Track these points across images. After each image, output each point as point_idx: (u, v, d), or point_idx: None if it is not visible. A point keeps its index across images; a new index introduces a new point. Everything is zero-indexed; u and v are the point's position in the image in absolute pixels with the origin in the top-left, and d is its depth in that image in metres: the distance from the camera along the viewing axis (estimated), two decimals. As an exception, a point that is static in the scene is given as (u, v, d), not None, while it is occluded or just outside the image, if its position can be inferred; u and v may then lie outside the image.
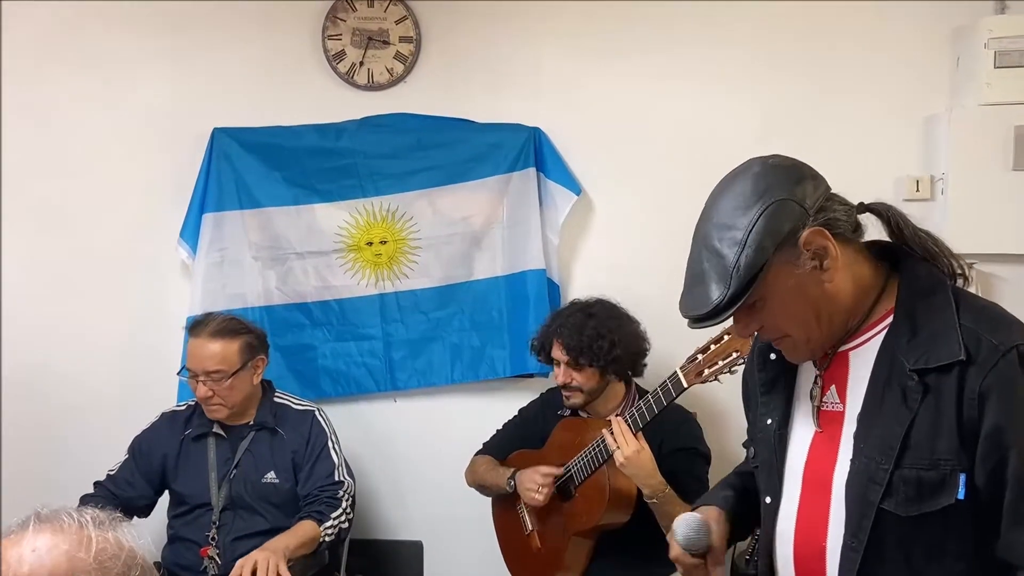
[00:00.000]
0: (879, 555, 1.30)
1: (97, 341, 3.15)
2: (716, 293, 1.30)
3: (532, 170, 2.97)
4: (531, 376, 3.00)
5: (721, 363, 2.13)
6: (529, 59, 3.00)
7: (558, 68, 2.99)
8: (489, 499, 2.82)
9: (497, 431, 2.83)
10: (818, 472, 1.40)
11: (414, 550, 3.16)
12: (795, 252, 1.30)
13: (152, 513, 2.74)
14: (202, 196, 3.04)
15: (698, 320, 1.35)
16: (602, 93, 2.98)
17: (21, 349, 3.14)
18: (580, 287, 3.03)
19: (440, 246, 3.05)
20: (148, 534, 1.13)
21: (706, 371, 2.16)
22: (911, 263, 1.38)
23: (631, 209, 3.01)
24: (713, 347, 2.15)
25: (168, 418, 2.75)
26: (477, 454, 2.82)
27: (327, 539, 2.54)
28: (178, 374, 2.74)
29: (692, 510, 1.63)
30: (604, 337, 2.49)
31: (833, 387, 1.41)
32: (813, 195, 1.32)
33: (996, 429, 1.23)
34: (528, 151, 2.97)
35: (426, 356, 3.09)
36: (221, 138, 3.03)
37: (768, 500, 1.49)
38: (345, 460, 2.70)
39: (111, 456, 2.73)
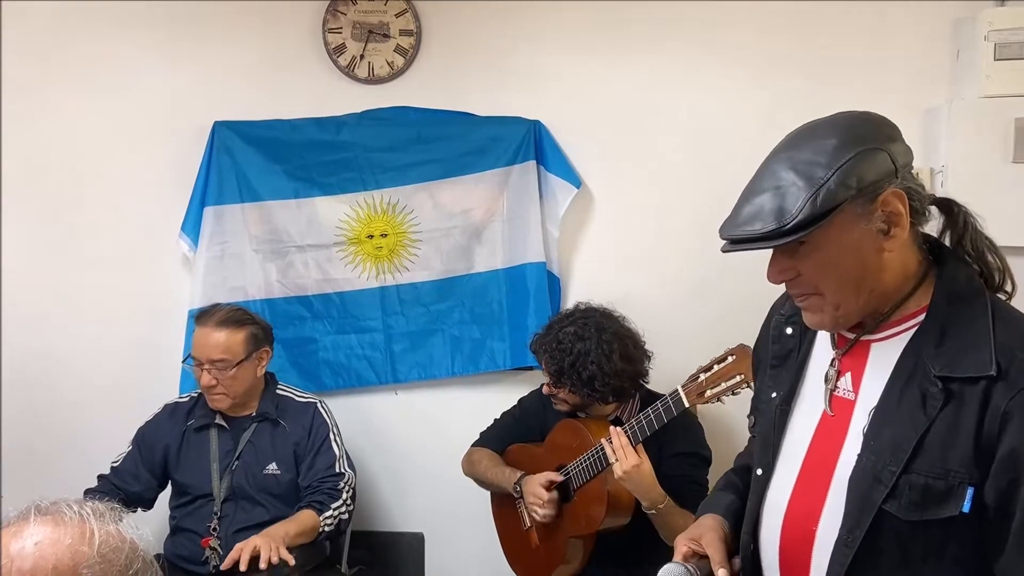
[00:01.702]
0: (873, 554, 1.28)
1: (99, 334, 3.16)
2: (781, 216, 1.23)
3: (532, 163, 2.97)
4: (531, 369, 3.01)
5: (724, 385, 2.10)
6: (529, 52, 3.00)
7: (558, 61, 2.99)
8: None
9: (495, 421, 2.82)
10: (821, 457, 1.38)
11: (415, 542, 3.18)
12: (870, 207, 1.25)
13: (154, 504, 2.75)
14: (203, 190, 3.05)
15: (748, 241, 1.27)
16: (602, 86, 2.98)
17: (23, 342, 3.15)
18: (580, 280, 3.04)
19: (440, 239, 3.06)
20: (149, 525, 1.12)
21: (708, 392, 2.14)
22: (954, 264, 1.34)
23: (631, 202, 3.01)
24: (716, 367, 2.13)
25: (170, 410, 2.76)
26: (474, 445, 2.80)
27: (326, 529, 2.55)
28: (183, 362, 2.75)
29: (696, 516, 1.62)
30: (586, 368, 2.42)
31: (848, 374, 1.38)
32: (904, 158, 1.29)
33: (1014, 451, 1.19)
34: (528, 144, 2.96)
35: (427, 349, 3.10)
36: (222, 132, 3.04)
37: (760, 472, 1.47)
38: (346, 452, 2.71)
39: (112, 447, 2.75)
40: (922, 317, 1.31)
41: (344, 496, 2.62)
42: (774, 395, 1.48)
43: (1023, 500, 1.19)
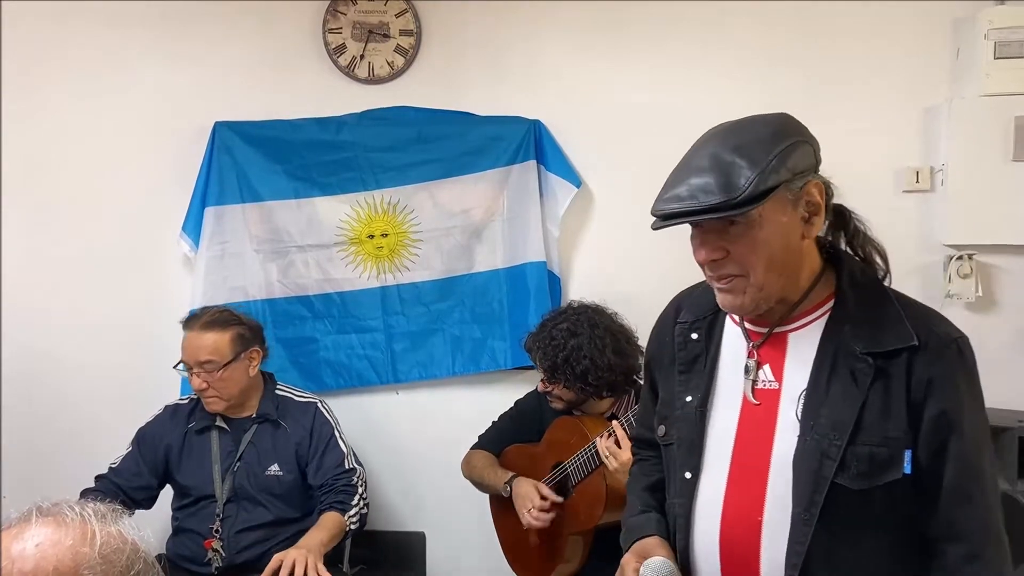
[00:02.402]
0: (827, 526, 1.35)
1: (100, 336, 3.16)
2: (730, 190, 1.30)
3: (532, 162, 2.97)
4: (532, 368, 3.00)
5: None
6: (529, 52, 3.00)
7: (558, 61, 2.99)
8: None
9: (493, 423, 2.83)
10: (752, 448, 1.43)
11: (417, 542, 3.18)
12: (797, 195, 1.35)
13: (155, 506, 2.74)
14: (204, 190, 3.05)
15: (691, 214, 1.32)
16: (602, 85, 2.98)
17: (23, 341, 3.15)
18: (580, 279, 3.04)
19: (441, 239, 3.06)
20: (151, 526, 1.12)
21: None
22: (849, 259, 1.47)
23: (631, 201, 2.99)
24: None
25: (171, 411, 2.76)
26: (473, 448, 2.81)
27: (352, 527, 2.56)
28: (174, 367, 2.75)
29: (623, 544, 1.58)
30: (579, 362, 2.45)
31: (768, 366, 1.45)
32: (819, 154, 1.41)
33: (941, 413, 1.33)
34: (528, 143, 2.97)
35: (427, 348, 3.10)
36: (223, 132, 3.04)
37: (688, 476, 1.49)
38: (352, 449, 2.72)
39: (113, 447, 2.74)
40: (831, 305, 1.43)
41: (360, 491, 2.62)
42: (689, 399, 1.52)
43: (952, 457, 1.34)
